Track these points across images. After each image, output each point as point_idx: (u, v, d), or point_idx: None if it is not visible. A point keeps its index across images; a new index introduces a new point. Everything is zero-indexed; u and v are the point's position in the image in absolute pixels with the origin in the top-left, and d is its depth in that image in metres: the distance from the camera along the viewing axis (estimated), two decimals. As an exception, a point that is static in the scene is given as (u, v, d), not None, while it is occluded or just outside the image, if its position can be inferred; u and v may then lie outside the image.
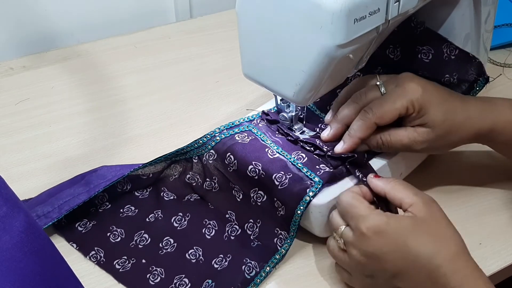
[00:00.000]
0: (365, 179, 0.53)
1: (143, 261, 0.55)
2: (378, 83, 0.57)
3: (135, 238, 0.58)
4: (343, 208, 0.50)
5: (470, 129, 0.55)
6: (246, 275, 0.54)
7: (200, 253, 0.56)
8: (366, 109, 0.55)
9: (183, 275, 0.54)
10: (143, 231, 0.58)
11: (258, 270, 0.54)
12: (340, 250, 0.50)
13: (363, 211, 0.48)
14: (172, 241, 0.57)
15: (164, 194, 0.62)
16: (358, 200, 0.50)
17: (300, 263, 0.56)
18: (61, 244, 0.57)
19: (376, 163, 0.58)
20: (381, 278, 0.48)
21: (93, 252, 0.56)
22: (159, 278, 0.54)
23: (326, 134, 0.58)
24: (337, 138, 0.58)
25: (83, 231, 0.58)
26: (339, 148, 0.56)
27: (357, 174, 0.54)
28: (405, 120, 0.56)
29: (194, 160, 0.62)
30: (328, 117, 0.60)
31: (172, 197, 0.62)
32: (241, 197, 0.59)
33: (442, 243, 0.46)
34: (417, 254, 0.45)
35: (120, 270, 0.55)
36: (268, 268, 0.54)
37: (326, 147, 0.57)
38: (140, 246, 0.57)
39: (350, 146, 0.56)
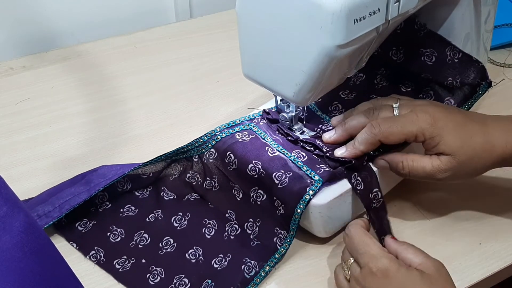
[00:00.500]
0: (360, 186, 0.54)
1: (143, 261, 0.56)
2: (394, 105, 0.56)
3: (135, 238, 0.58)
4: (354, 243, 0.50)
5: (493, 153, 0.53)
6: (245, 274, 0.54)
7: (200, 253, 0.56)
8: (374, 124, 0.54)
9: (183, 275, 0.54)
10: (143, 231, 0.58)
11: (257, 269, 0.54)
12: (345, 279, 0.51)
13: (376, 251, 0.48)
14: (172, 241, 0.57)
15: (164, 194, 0.62)
16: (370, 238, 0.50)
17: (300, 263, 0.56)
18: (61, 244, 0.57)
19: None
20: None
21: (93, 252, 0.56)
22: (158, 278, 0.54)
23: (328, 136, 0.58)
24: (337, 144, 0.58)
25: (83, 231, 0.58)
26: (339, 153, 0.56)
27: (353, 181, 0.55)
28: (425, 148, 0.54)
29: (194, 159, 0.62)
30: (335, 120, 0.60)
31: (172, 197, 0.62)
32: (241, 196, 0.59)
33: None
34: None
35: (120, 270, 0.55)
36: (267, 267, 0.54)
37: (326, 148, 0.57)
38: (140, 246, 0.57)
39: (350, 155, 0.55)
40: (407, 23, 0.63)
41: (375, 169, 0.56)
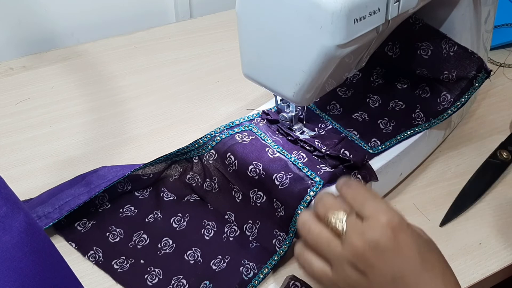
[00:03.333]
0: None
1: (142, 261, 0.55)
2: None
3: (134, 238, 0.58)
4: (360, 192, 0.45)
5: None
6: (244, 276, 0.54)
7: (199, 254, 0.56)
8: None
9: (181, 276, 0.54)
10: (142, 232, 0.58)
11: (256, 271, 0.54)
12: (331, 233, 0.44)
13: (386, 205, 0.44)
14: (171, 241, 0.57)
15: (164, 195, 0.62)
16: (376, 194, 0.45)
17: (300, 263, 0.56)
18: (61, 244, 0.57)
19: (376, 163, 0.58)
20: (377, 279, 0.42)
21: (91, 252, 0.56)
22: (157, 278, 0.54)
23: None
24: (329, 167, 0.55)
25: (82, 231, 0.58)
26: None
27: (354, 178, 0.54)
28: None
29: (194, 160, 0.62)
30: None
31: (171, 198, 0.62)
32: (240, 198, 0.59)
33: None
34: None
35: (118, 270, 0.55)
36: (266, 269, 0.54)
37: (324, 148, 0.57)
38: (139, 246, 0.57)
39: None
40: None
41: (374, 168, 0.57)
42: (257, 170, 0.56)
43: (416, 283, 0.42)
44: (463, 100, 0.62)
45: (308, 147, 0.58)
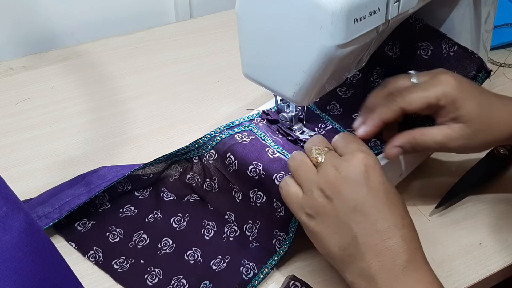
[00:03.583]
0: None
1: (142, 261, 0.55)
2: (411, 72, 0.54)
3: (134, 238, 0.58)
4: (348, 137, 0.49)
5: (509, 127, 0.52)
6: (244, 276, 0.54)
7: (199, 254, 0.56)
8: (394, 93, 0.52)
9: (181, 276, 0.54)
10: (142, 232, 0.58)
11: (256, 271, 0.54)
12: (309, 163, 0.48)
13: (369, 150, 0.47)
14: (171, 241, 0.57)
15: (164, 195, 0.62)
16: (361, 141, 0.49)
17: (300, 263, 0.56)
18: (61, 244, 0.57)
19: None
20: (340, 205, 0.45)
21: (91, 252, 0.56)
22: (157, 279, 0.54)
23: (357, 123, 0.55)
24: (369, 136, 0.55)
25: (82, 231, 0.58)
26: (361, 131, 0.53)
27: None
28: (439, 115, 0.52)
29: (194, 160, 0.62)
30: (357, 122, 0.56)
31: (171, 198, 0.62)
32: (240, 198, 0.59)
33: None
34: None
35: (118, 270, 0.55)
36: (266, 269, 0.54)
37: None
38: (139, 246, 0.57)
39: (372, 129, 0.53)
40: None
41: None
42: (257, 170, 0.56)
43: (376, 216, 0.44)
44: None
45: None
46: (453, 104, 0.51)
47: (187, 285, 0.53)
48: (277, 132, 0.61)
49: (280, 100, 0.61)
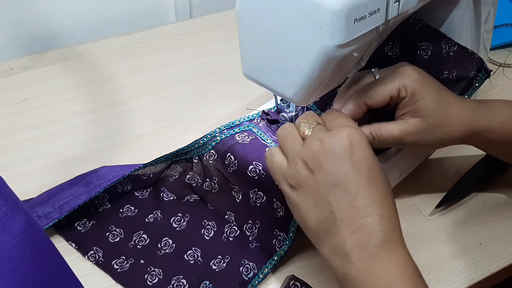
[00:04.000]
0: None
1: (142, 261, 0.55)
2: (373, 70, 0.56)
3: (134, 238, 0.58)
4: (336, 112, 0.50)
5: (465, 126, 0.53)
6: (244, 276, 0.54)
7: (199, 254, 0.56)
8: (358, 91, 0.54)
9: (181, 276, 0.54)
10: (142, 231, 0.58)
11: (256, 271, 0.54)
12: (297, 136, 0.48)
13: (355, 126, 0.47)
14: (171, 241, 0.57)
15: (164, 195, 0.62)
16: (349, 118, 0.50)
17: (300, 263, 0.56)
18: (61, 244, 0.57)
19: (376, 163, 0.58)
20: (321, 179, 0.45)
21: (91, 252, 0.56)
22: (157, 278, 0.54)
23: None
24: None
25: (82, 231, 0.58)
26: None
27: None
28: (399, 107, 0.54)
29: (194, 160, 0.62)
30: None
31: (171, 198, 0.62)
32: (240, 198, 0.59)
33: None
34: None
35: (118, 270, 0.55)
36: (266, 269, 0.54)
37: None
38: (138, 246, 0.57)
39: None
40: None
41: None
42: (257, 170, 0.56)
43: (356, 193, 0.44)
44: None
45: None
46: (413, 97, 0.52)
47: (187, 285, 0.53)
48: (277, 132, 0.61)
49: (280, 100, 0.61)
